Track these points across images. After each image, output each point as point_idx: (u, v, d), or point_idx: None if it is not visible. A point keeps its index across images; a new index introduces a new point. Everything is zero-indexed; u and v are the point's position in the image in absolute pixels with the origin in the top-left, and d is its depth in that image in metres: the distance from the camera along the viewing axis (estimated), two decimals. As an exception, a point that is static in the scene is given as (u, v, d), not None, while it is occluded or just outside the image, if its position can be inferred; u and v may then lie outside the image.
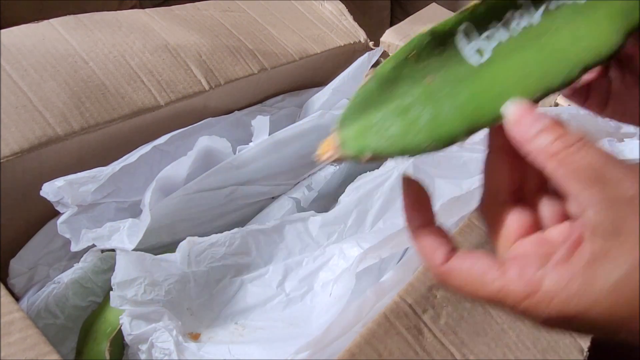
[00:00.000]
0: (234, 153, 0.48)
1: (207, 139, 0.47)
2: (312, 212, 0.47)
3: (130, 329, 0.34)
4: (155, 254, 0.42)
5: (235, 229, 0.43)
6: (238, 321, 0.39)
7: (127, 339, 0.35)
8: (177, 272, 0.39)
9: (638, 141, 0.53)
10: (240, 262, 0.41)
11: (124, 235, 0.38)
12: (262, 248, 0.43)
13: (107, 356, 0.36)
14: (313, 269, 0.42)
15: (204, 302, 0.39)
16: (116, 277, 0.36)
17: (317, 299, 0.40)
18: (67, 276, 0.39)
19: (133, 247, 0.38)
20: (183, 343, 0.34)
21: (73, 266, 0.40)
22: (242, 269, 0.41)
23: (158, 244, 0.44)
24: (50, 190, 0.38)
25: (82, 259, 0.40)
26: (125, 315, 0.35)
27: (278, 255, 0.43)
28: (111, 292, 0.35)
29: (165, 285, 0.37)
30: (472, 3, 0.23)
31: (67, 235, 0.38)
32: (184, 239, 0.46)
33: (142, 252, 0.38)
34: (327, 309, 0.37)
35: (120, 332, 0.37)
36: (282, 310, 0.40)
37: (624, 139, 0.53)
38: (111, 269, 0.41)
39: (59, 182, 0.38)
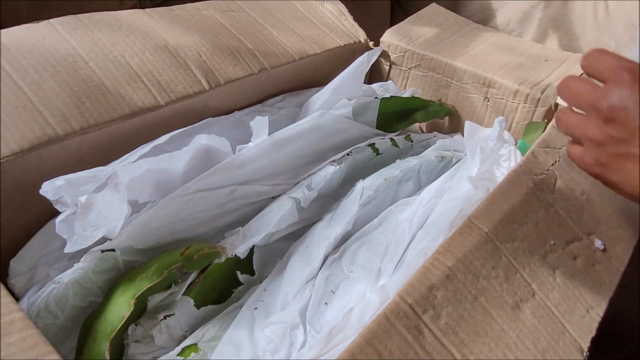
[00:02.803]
0: (234, 153, 0.48)
1: (205, 138, 0.46)
2: None
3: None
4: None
5: None
6: None
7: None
8: None
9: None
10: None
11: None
12: None
13: (107, 356, 0.36)
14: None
15: None
16: None
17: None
18: (67, 276, 0.39)
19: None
20: None
21: (73, 266, 0.40)
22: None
23: (158, 244, 0.44)
24: (49, 189, 0.38)
25: (82, 259, 0.40)
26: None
27: None
28: None
29: None
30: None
31: (64, 236, 0.38)
32: (184, 238, 0.46)
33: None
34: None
35: (120, 332, 0.37)
36: None
37: None
38: (111, 269, 0.41)
39: (59, 181, 0.38)
